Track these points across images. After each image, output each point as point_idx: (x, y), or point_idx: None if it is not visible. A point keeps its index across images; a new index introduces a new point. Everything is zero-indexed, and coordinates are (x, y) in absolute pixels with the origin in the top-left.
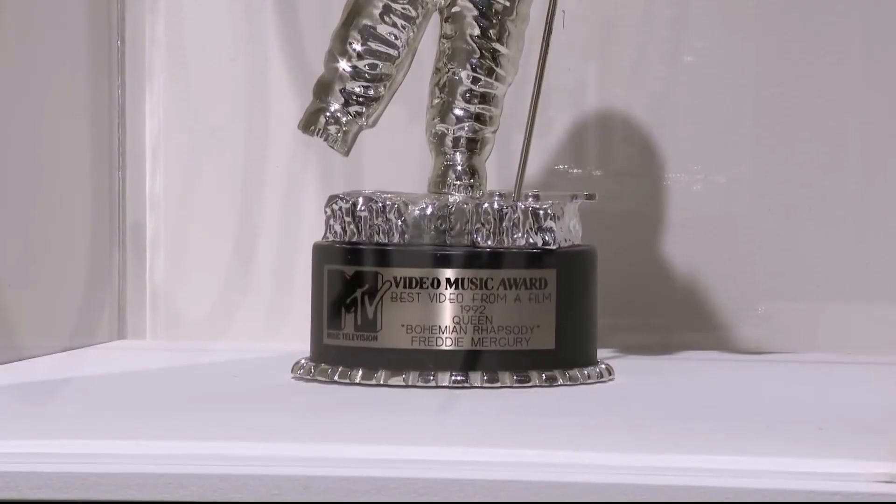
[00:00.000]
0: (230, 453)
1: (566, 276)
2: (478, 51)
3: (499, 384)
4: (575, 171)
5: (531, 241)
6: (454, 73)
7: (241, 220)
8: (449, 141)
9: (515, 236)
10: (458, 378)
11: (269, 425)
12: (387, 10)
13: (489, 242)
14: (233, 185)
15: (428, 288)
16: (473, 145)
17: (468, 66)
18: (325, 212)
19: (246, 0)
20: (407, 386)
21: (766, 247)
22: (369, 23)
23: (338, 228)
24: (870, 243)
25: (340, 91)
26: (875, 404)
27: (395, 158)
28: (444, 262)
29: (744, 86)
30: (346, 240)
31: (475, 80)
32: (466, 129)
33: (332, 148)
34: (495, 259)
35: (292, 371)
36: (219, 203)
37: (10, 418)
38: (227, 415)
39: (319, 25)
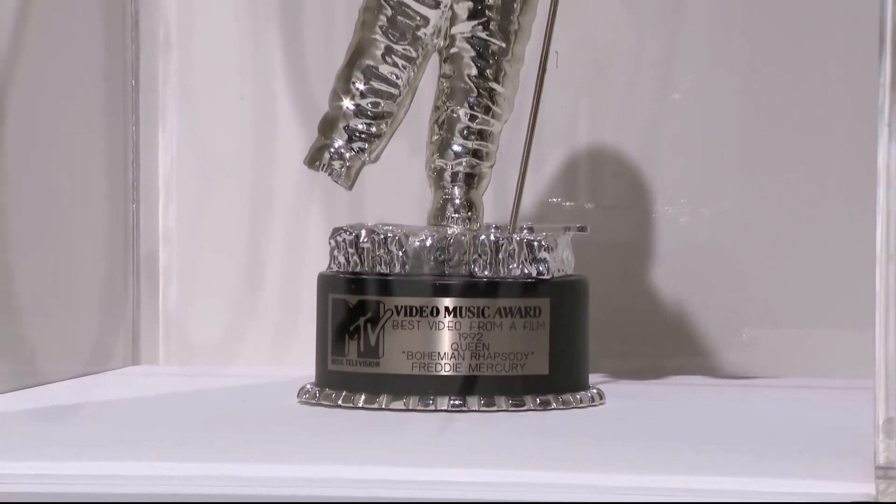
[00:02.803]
0: (238, 475)
1: (559, 304)
2: (475, 90)
3: (495, 408)
4: (567, 204)
5: (526, 271)
6: (452, 112)
7: (249, 251)
8: (447, 176)
9: (511, 267)
10: (457, 402)
11: (275, 448)
12: (388, 51)
13: (486, 272)
14: (241, 218)
15: (427, 316)
16: (471, 180)
17: (466, 105)
18: (330, 243)
19: (254, 42)
20: (407, 410)
21: (750, 276)
22: (372, 63)
23: (342, 259)
24: (847, 273)
25: (344, 128)
26: (853, 427)
27: (396, 192)
28: (443, 291)
29: (728, 123)
30: (350, 270)
31: (472, 118)
32: (464, 164)
33: (336, 182)
34: (492, 288)
35: (298, 396)
36: (228, 234)
37: (30, 441)
38: (235, 438)
39: (324, 65)
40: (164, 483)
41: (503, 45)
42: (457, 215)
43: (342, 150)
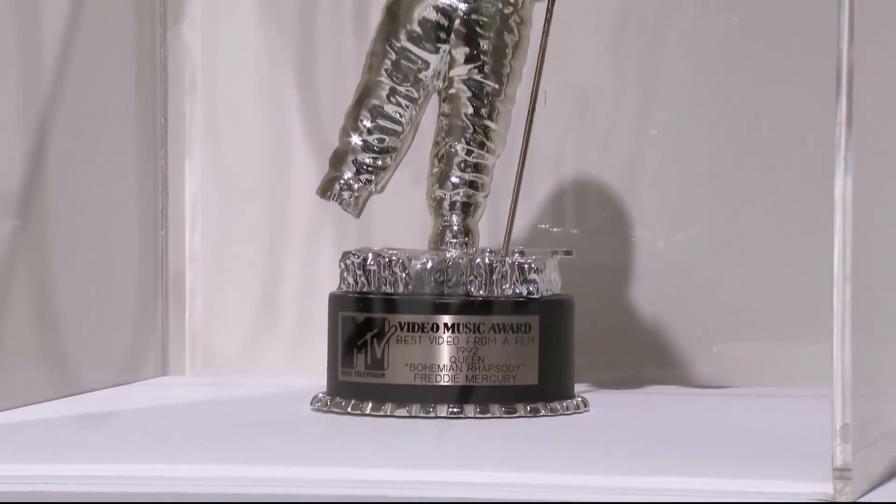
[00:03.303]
0: (257, 475)
1: (547, 321)
2: (471, 127)
3: (489, 415)
4: (555, 229)
5: (517, 291)
6: (451, 146)
7: (267, 272)
8: (446, 204)
9: (504, 287)
10: (455, 410)
11: (289, 451)
12: (393, 92)
13: (481, 292)
14: (260, 242)
15: (428, 331)
16: (467, 208)
17: (463, 140)
18: (340, 266)
19: (271, 83)
20: (410, 417)
21: (719, 295)
22: (378, 103)
23: (350, 280)
24: (807, 292)
25: (353, 162)
26: (813, 432)
27: (400, 219)
28: (443, 309)
29: (700, 156)
30: (358, 290)
31: (469, 152)
32: (461, 194)
33: (346, 211)
34: (486, 307)
35: (311, 404)
36: (248, 257)
37: (69, 445)
38: (253, 441)
39: (334, 105)
40: (191, 483)
41: (496, 86)
42: (455, 240)
43: (351, 182)
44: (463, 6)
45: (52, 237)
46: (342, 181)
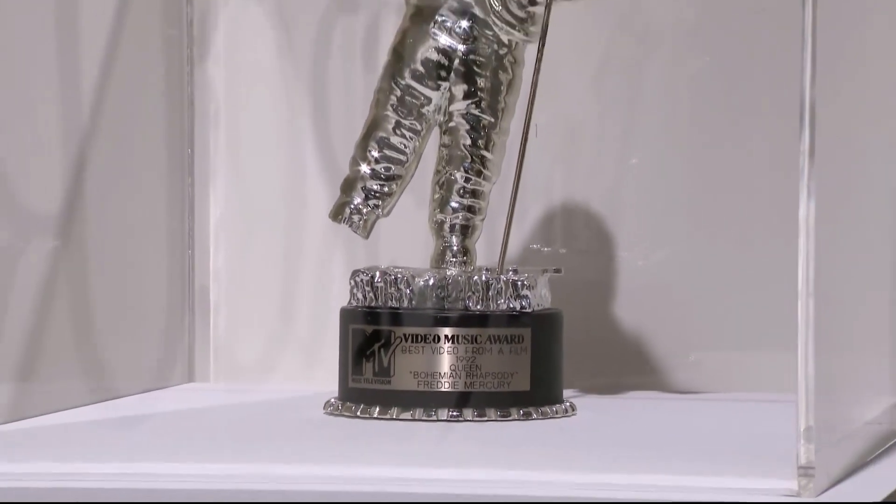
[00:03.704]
0: (274, 473)
1: (539, 333)
2: (469, 157)
3: (486, 418)
4: (545, 249)
5: (511, 305)
6: (451, 174)
7: (283, 288)
8: (447, 227)
9: (499, 302)
10: (454, 413)
11: (304, 451)
12: (398, 125)
13: (478, 307)
14: (277, 261)
15: (430, 342)
16: (466, 231)
17: (462, 169)
18: (350, 283)
19: (288, 117)
20: (414, 420)
21: (694, 309)
22: (384, 135)
23: (360, 296)
24: (775, 306)
25: (362, 188)
26: (780, 433)
27: (404, 240)
28: (443, 322)
29: (676, 183)
30: (366, 305)
31: (467, 180)
32: (460, 217)
33: (356, 233)
34: (483, 320)
35: (324, 408)
36: (266, 275)
37: (105, 445)
38: (271, 442)
39: (345, 136)
40: (215, 480)
41: (492, 120)
42: (454, 259)
43: (360, 206)
44: (462, 47)
45: (90, 256)
46: (352, 206)
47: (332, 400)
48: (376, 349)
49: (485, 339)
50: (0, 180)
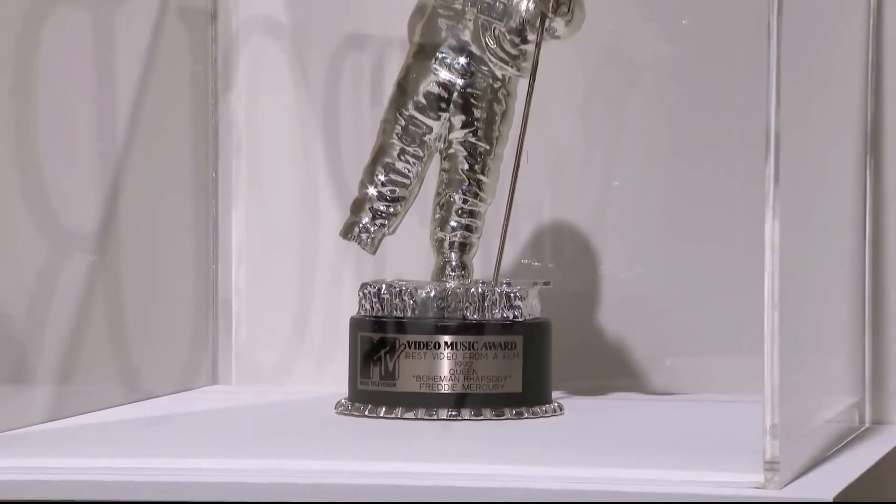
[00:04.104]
0: (289, 468)
1: (530, 340)
2: (466, 181)
3: (482, 417)
4: (536, 264)
5: (505, 315)
6: (450, 196)
7: (298, 300)
8: (446, 244)
9: (494, 312)
10: (453, 413)
11: (317, 447)
12: (402, 152)
13: (475, 316)
14: (292, 275)
15: (431, 348)
16: (464, 247)
17: (460, 192)
18: (359, 294)
19: (302, 144)
20: (416, 419)
21: (671, 318)
22: (390, 161)
23: (368, 306)
24: (744, 314)
25: (369, 209)
26: (748, 431)
27: (408, 256)
28: (443, 330)
29: (655, 203)
30: (374, 314)
31: (465, 202)
32: (459, 236)
33: (364, 249)
34: (479, 328)
35: (335, 408)
36: (283, 288)
37: (137, 442)
38: (287, 438)
39: (354, 162)
40: (236, 474)
41: (487, 147)
42: (453, 274)
43: (368, 226)
44: (460, 81)
45: (124, 270)
46: (361, 225)
47: (343, 401)
48: (382, 355)
49: (481, 345)
50: (44, 202)
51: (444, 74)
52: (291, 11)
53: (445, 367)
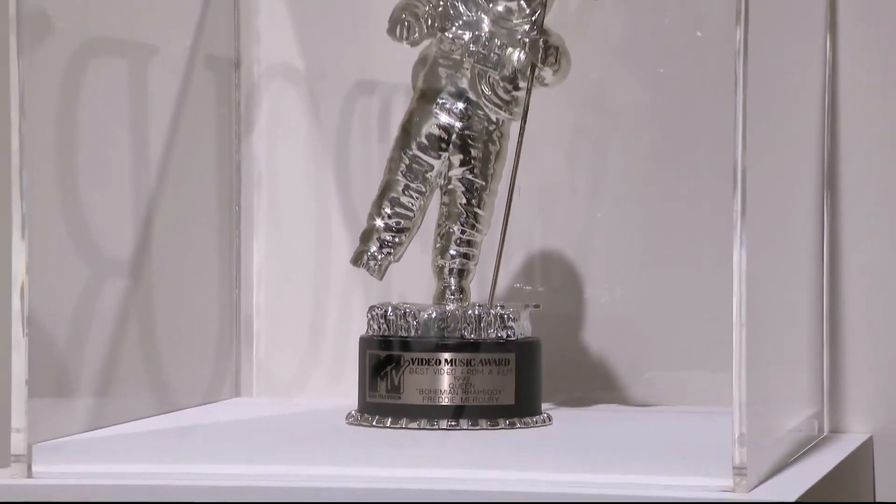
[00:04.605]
0: (305, 473)
1: (521, 357)
2: (464, 213)
3: (478, 427)
4: (527, 288)
5: (499, 334)
6: (449, 228)
7: (313, 320)
8: (446, 271)
9: (489, 332)
10: (452, 423)
11: (329, 454)
12: (406, 188)
13: (472, 336)
14: (307, 297)
15: (433, 365)
16: (462, 273)
17: (458, 223)
18: (367, 315)
19: (316, 179)
20: (419, 429)
21: (649, 336)
22: (395, 195)
23: (375, 326)
24: (714, 333)
25: (377, 239)
26: (719, 439)
27: (411, 281)
28: (444, 348)
29: (635, 232)
30: (381, 334)
31: (463, 232)
32: (457, 263)
33: (371, 275)
34: (476, 346)
35: (346, 418)
36: (298, 308)
37: (167, 449)
38: (302, 446)
39: (363, 196)
40: (257, 479)
41: (483, 183)
42: (452, 297)
43: (376, 254)
44: (458, 124)
45: (155, 293)
46: (369, 253)
47: (353, 412)
48: (389, 370)
49: (477, 362)
50: (83, 231)
51: (444, 118)
52: (307, 60)
53: (445, 381)
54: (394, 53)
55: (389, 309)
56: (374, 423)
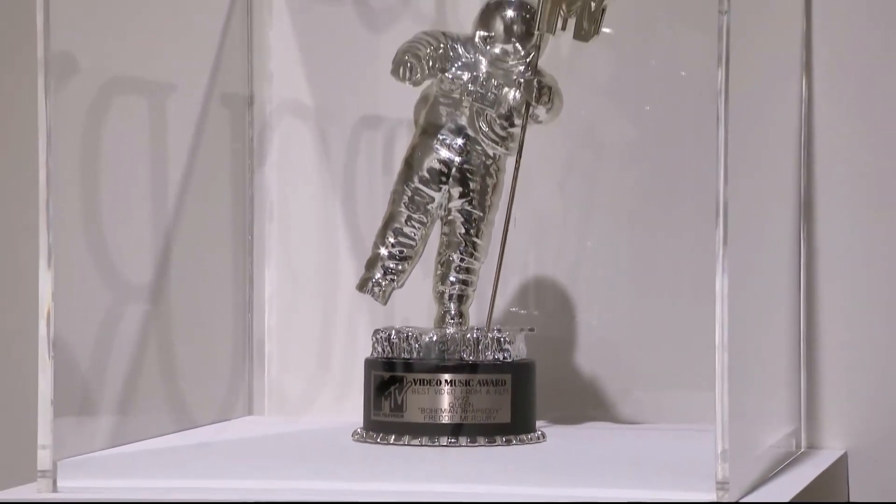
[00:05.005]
0: (313, 487)
1: (517, 378)
2: (463, 242)
3: (476, 444)
4: (522, 312)
5: (496, 357)
6: (449, 256)
7: (321, 342)
8: (446, 296)
9: (486, 354)
10: (452, 440)
11: (336, 469)
12: (409, 218)
13: (471, 358)
14: (316, 321)
15: (434, 385)
16: (461, 299)
17: (458, 252)
18: (372, 338)
19: (324, 212)
20: (421, 445)
21: (637, 357)
22: (399, 226)
23: (380, 349)
24: (698, 354)
25: (381, 266)
26: (704, 455)
27: (414, 306)
28: (444, 369)
29: (622, 260)
30: (385, 356)
31: (462, 260)
32: (457, 289)
33: (376, 301)
34: (474, 368)
35: (352, 436)
36: (308, 332)
37: (184, 465)
38: (311, 462)
39: (369, 225)
40: (268, 493)
41: (481, 214)
42: (452, 321)
43: (380, 280)
44: (458, 159)
45: (173, 317)
46: (373, 280)
47: (358, 430)
48: (392, 390)
49: (475, 382)
50: (106, 259)
51: (445, 153)
52: (316, 97)
53: (445, 400)
54: (397, 91)
55: (393, 332)
56: (378, 439)
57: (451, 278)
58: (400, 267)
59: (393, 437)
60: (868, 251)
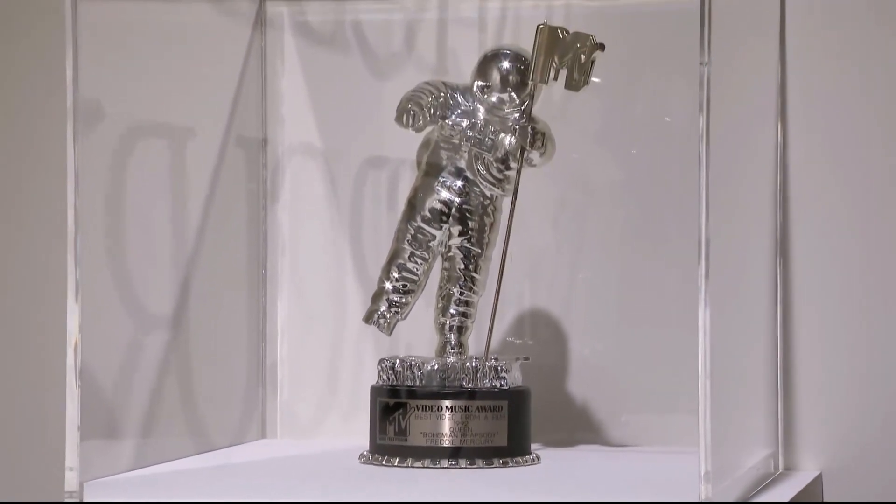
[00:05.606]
0: None
1: (513, 404)
2: (463, 277)
3: (476, 466)
4: (517, 341)
5: (493, 384)
6: (450, 290)
7: (330, 370)
8: (447, 328)
9: (484, 381)
10: (452, 462)
11: (344, 490)
12: (412, 255)
13: (470, 385)
14: (325, 350)
15: (435, 411)
16: (461, 330)
17: (458, 286)
18: (378, 367)
19: (333, 247)
20: (424, 468)
21: (626, 383)
22: (402, 262)
23: (385, 377)
24: (683, 381)
25: (386, 299)
26: (688, 476)
27: (416, 336)
28: (445, 396)
29: (611, 292)
30: (389, 383)
31: (461, 294)
32: (456, 321)
33: (381, 332)
34: (473, 394)
35: (359, 458)
36: (317, 359)
37: (202, 485)
38: (320, 482)
39: (374, 261)
40: None
41: (479, 250)
42: (452, 351)
43: (385, 313)
44: (457, 199)
45: (192, 345)
46: (379, 312)
47: (365, 452)
48: (396, 416)
49: (474, 408)
50: (130, 290)
51: (445, 194)
52: (324, 139)
53: (446, 425)
54: (401, 134)
55: (397, 361)
56: (383, 462)
57: (452, 310)
58: (403, 300)
59: (397, 459)
60: (840, 284)
